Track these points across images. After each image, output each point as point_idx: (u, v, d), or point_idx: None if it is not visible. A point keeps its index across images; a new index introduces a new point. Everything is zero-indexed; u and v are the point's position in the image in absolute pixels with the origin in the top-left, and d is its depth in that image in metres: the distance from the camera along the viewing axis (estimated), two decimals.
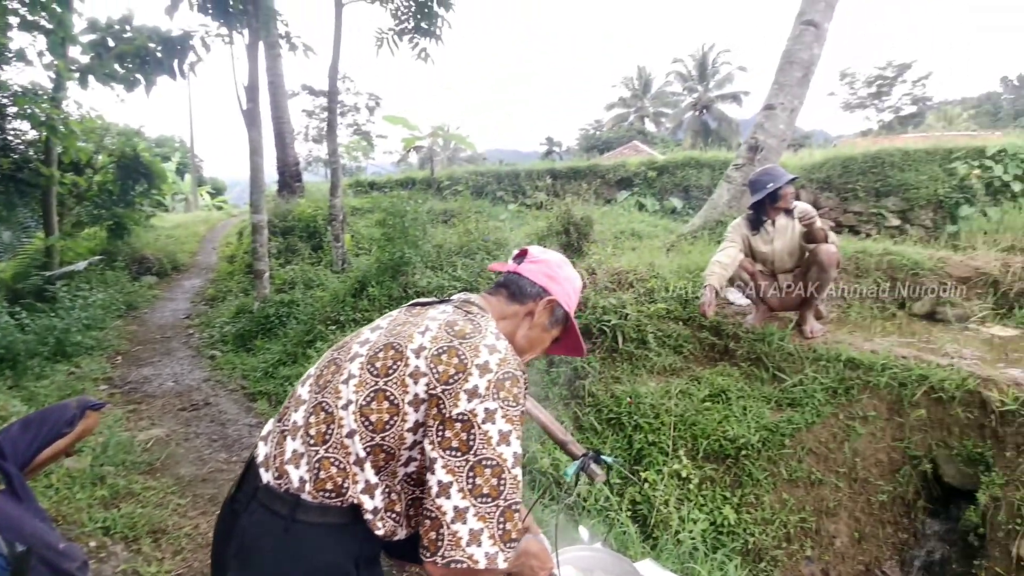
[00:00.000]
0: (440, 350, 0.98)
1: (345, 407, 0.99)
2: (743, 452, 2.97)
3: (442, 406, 0.93)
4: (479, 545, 0.88)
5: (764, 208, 3.53)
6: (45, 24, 5.72)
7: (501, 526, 0.89)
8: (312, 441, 0.99)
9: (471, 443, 0.91)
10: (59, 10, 5.48)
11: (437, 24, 8.85)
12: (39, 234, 8.72)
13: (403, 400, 0.96)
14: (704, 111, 39.66)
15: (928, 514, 2.62)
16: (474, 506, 0.89)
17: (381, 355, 1.01)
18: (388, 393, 0.97)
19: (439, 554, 0.88)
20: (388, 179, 13.11)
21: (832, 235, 3.41)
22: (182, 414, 4.25)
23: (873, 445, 2.80)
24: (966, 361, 2.99)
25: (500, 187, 10.64)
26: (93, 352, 5.49)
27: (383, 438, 0.96)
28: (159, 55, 6.81)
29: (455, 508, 0.88)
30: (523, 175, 10.56)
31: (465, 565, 0.87)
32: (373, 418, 0.96)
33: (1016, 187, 7.12)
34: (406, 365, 0.98)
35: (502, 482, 0.91)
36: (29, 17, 5.72)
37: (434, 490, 0.90)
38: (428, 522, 0.90)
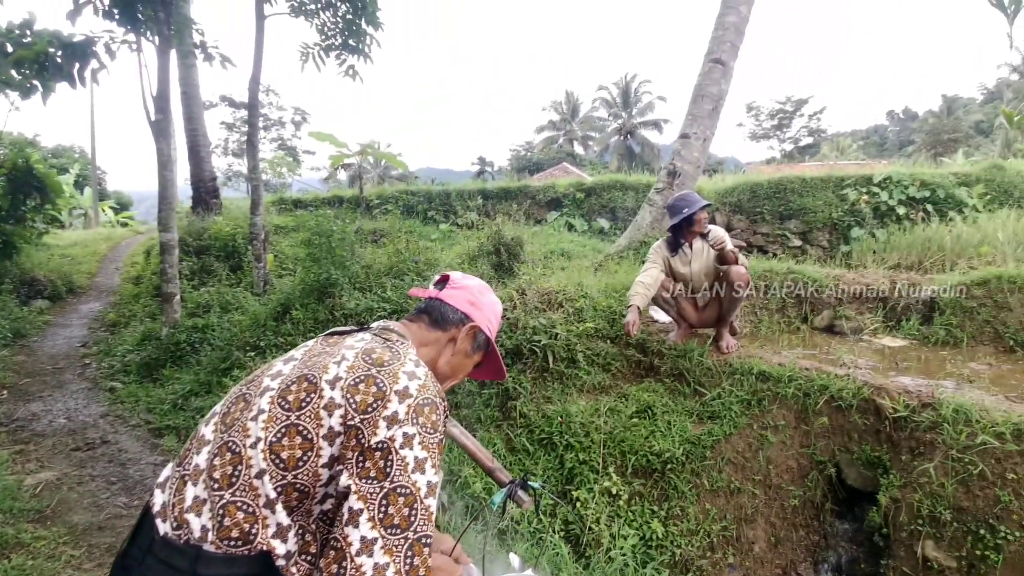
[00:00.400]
0: (357, 379, 0.95)
1: (254, 445, 0.92)
2: (669, 466, 3.07)
3: (361, 436, 0.90)
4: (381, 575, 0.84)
5: (681, 231, 3.74)
6: None
7: (409, 561, 0.86)
8: (216, 485, 0.92)
9: (388, 470, 0.88)
10: None
11: (365, 42, 8.76)
12: None
13: (317, 434, 0.91)
14: (628, 136, 41.70)
15: (836, 516, 2.82)
16: (383, 537, 0.85)
17: (294, 388, 0.96)
18: (301, 428, 0.92)
19: None
20: (315, 197, 12.68)
21: (742, 257, 3.65)
22: (76, 454, 3.82)
23: (784, 452, 2.99)
24: (861, 371, 3.27)
25: (431, 207, 10.58)
26: None
27: (296, 475, 0.90)
28: (59, 61, 6.28)
29: (362, 539, 0.84)
30: (455, 195, 10.56)
31: None
32: (284, 455, 0.91)
33: (900, 211, 7.98)
34: (320, 397, 0.93)
35: (413, 512, 0.88)
36: None
37: (344, 518, 0.86)
38: (332, 553, 0.85)
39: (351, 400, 0.92)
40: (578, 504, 3.01)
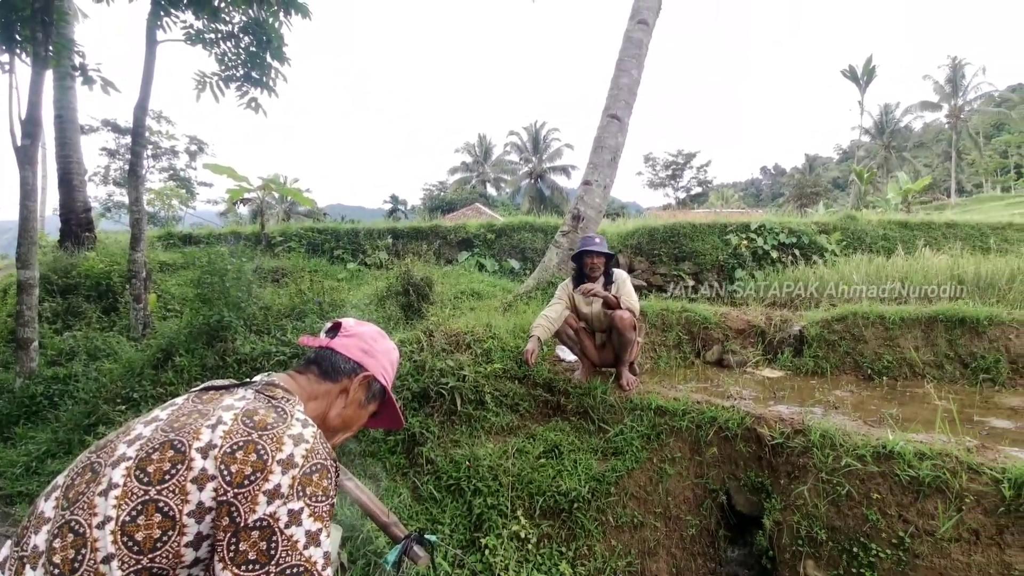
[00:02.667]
0: (235, 446, 0.85)
1: (101, 526, 0.80)
2: (576, 505, 3.10)
3: (235, 514, 0.80)
4: None
5: (583, 272, 3.92)
6: None
7: None
8: (57, 571, 0.79)
9: (272, 552, 0.79)
10: None
11: (269, 75, 8.51)
12: None
13: (181, 511, 0.81)
14: (539, 180, 43.51)
15: (728, 542, 2.98)
16: None
17: (156, 456, 0.84)
18: (161, 504, 0.81)
19: None
20: (209, 232, 11.83)
21: (628, 301, 3.77)
22: None
23: (681, 483, 3.13)
24: (745, 401, 3.55)
25: (339, 245, 10.25)
26: None
27: (152, 559, 0.79)
28: None
29: None
30: (363, 234, 10.33)
31: None
32: (140, 537, 0.79)
33: (773, 254, 8.94)
34: (188, 468, 0.83)
35: None
36: None
37: None
38: None
39: (226, 471, 0.82)
40: (487, 552, 2.94)
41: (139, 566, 0.79)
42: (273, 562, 0.79)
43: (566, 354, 4.48)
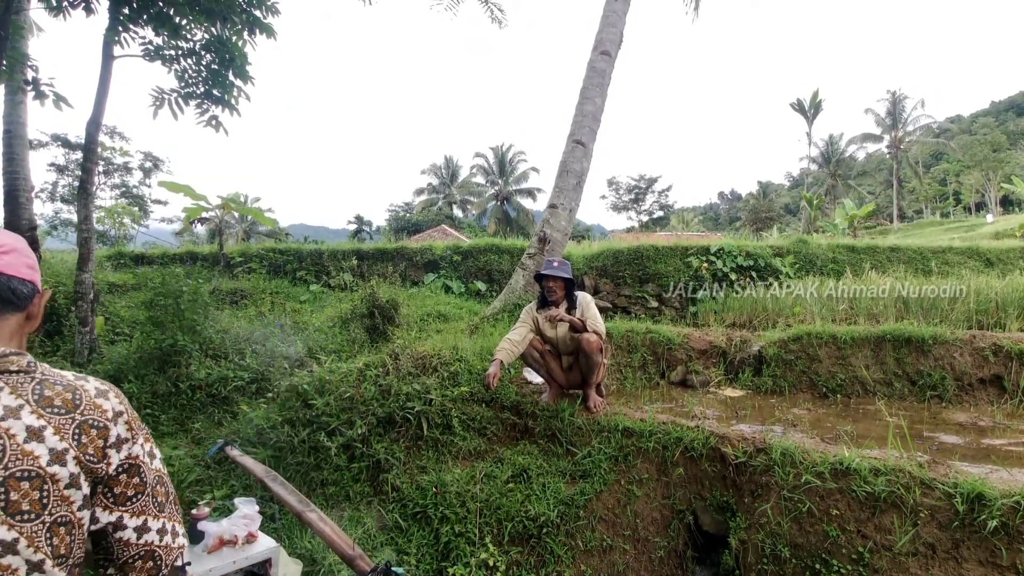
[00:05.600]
0: (78, 436, 0.89)
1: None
2: (545, 530, 3.06)
3: (98, 473, 0.91)
4: (176, 536, 1.00)
5: (544, 293, 3.94)
6: None
7: (179, 513, 1.03)
8: None
9: (144, 481, 0.96)
10: None
11: (231, 93, 8.37)
12: None
13: (74, 511, 0.88)
14: (505, 202, 43.88)
15: (696, 563, 3.00)
16: (168, 518, 0.99)
17: (15, 495, 0.81)
18: (64, 519, 0.86)
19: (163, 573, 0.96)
20: (163, 252, 11.38)
21: (594, 324, 3.82)
22: None
23: (648, 505, 3.14)
24: (709, 420, 3.62)
25: (301, 266, 10.02)
26: None
27: (76, 551, 0.89)
28: None
29: (159, 531, 0.96)
30: (327, 255, 10.15)
31: (175, 557, 0.98)
32: (63, 550, 0.86)
33: (732, 276, 9.23)
34: (56, 482, 0.85)
35: (169, 485, 1.02)
36: None
37: (132, 538, 0.94)
38: (139, 562, 0.94)
39: (87, 459, 0.89)
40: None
41: (71, 564, 0.88)
42: (147, 486, 0.97)
43: (533, 376, 4.47)
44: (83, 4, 7.26)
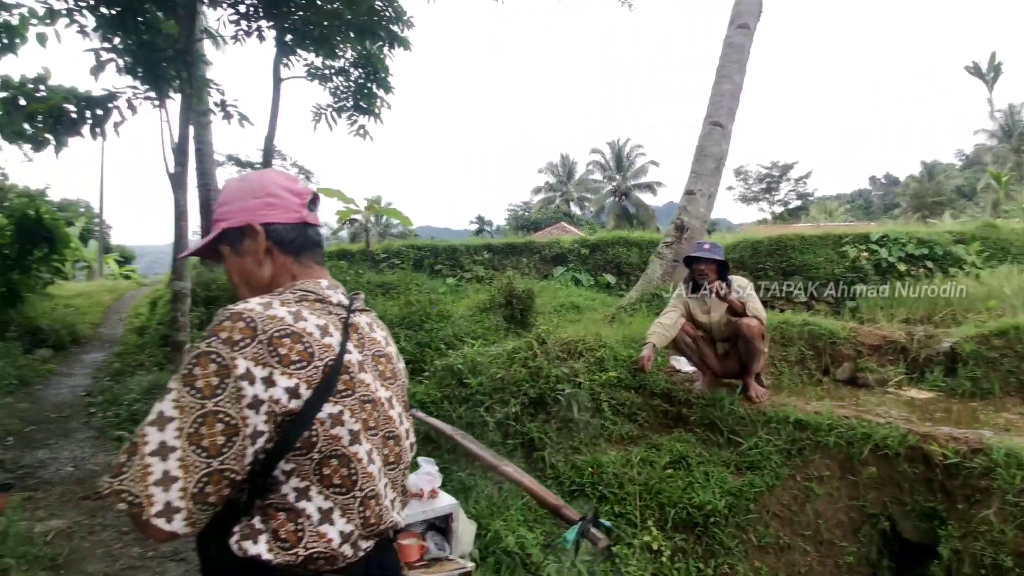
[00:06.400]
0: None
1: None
2: (711, 519, 2.93)
3: None
4: None
5: (695, 277, 3.76)
6: None
7: None
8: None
9: None
10: None
11: (376, 104, 9.16)
12: None
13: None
14: (623, 197, 42.92)
15: (894, 574, 2.68)
16: None
17: (404, 398, 1.08)
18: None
19: None
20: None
21: (755, 308, 3.57)
22: (85, 503, 3.65)
23: (832, 505, 2.87)
24: (897, 421, 3.21)
25: (438, 261, 10.68)
26: None
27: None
28: (74, 116, 6.46)
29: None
30: (461, 250, 10.70)
31: None
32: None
33: (901, 267, 8.13)
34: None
35: None
36: None
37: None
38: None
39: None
40: (617, 561, 2.84)
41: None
42: None
43: (682, 364, 4.30)
44: (256, 32, 8.42)
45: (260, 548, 0.82)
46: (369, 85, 9.06)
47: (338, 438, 0.86)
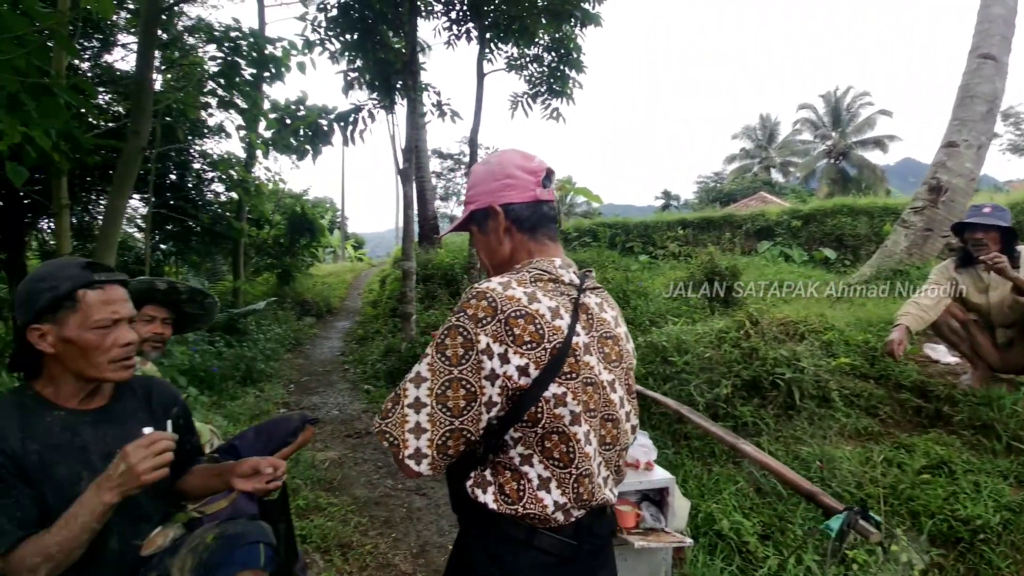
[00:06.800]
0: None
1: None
2: (980, 535, 2.46)
3: None
4: None
5: (967, 250, 3.08)
6: (240, 104, 6.85)
7: None
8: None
9: None
10: (252, 92, 6.52)
11: (568, 85, 9.36)
12: (228, 277, 10.22)
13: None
14: (840, 158, 36.82)
15: None
16: None
17: (629, 382, 1.10)
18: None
19: None
20: None
21: None
22: (349, 440, 4.56)
23: None
24: None
25: (629, 238, 10.56)
26: (272, 379, 6.17)
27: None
28: (325, 129, 7.88)
29: None
30: (653, 226, 10.40)
31: None
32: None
33: None
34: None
35: None
36: (227, 98, 6.90)
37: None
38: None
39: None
40: (855, 567, 2.58)
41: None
42: None
43: (940, 354, 3.63)
44: (466, 35, 9.22)
45: (487, 498, 0.94)
46: (562, 68, 9.30)
47: (560, 417, 0.92)
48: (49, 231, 9.26)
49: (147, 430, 1.14)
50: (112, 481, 1.10)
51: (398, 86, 8.00)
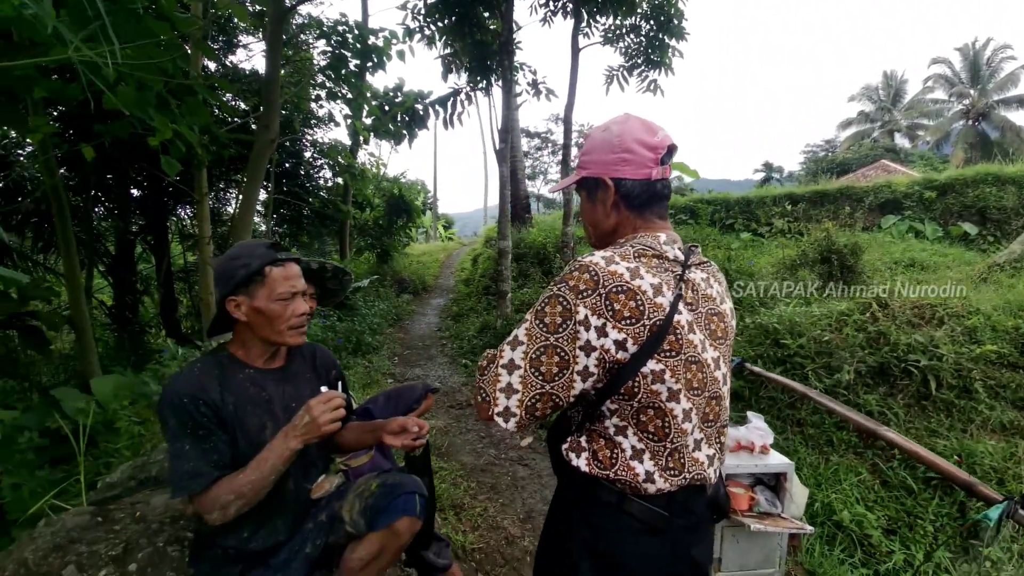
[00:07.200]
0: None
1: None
2: None
3: None
4: None
5: None
6: (346, 94, 7.24)
7: None
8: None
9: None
10: (357, 82, 6.85)
11: (667, 55, 8.91)
12: (335, 257, 11.03)
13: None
14: (980, 120, 32.12)
15: None
16: None
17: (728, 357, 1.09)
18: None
19: None
20: None
21: None
22: (452, 411, 4.82)
23: None
24: None
25: (729, 215, 10.00)
26: (378, 351, 6.63)
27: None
28: (421, 114, 8.14)
29: None
30: (756, 202, 9.76)
31: None
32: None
33: None
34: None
35: None
36: (334, 89, 7.31)
37: None
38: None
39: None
40: (988, 564, 2.37)
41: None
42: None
43: None
44: (562, 10, 9.06)
45: (580, 462, 0.99)
46: (661, 36, 8.87)
47: (657, 393, 0.93)
48: (188, 217, 10.47)
49: (324, 389, 1.31)
50: (297, 430, 1.29)
51: (494, 67, 8.09)
